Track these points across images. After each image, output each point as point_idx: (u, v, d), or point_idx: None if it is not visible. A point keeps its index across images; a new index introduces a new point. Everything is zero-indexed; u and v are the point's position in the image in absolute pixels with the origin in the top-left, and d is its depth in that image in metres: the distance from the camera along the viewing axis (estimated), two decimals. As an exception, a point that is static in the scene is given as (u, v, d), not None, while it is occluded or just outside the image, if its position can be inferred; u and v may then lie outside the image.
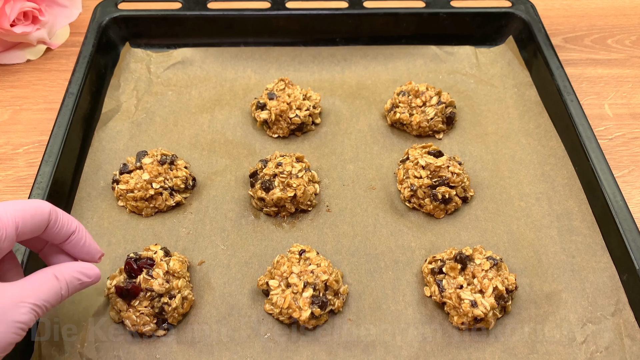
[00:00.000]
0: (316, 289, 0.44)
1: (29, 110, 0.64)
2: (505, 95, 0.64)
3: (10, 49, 0.70)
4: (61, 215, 0.37)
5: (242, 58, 0.68)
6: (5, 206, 0.34)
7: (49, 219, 0.36)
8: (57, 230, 0.37)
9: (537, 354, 0.44)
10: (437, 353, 0.44)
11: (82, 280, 0.38)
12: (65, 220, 0.37)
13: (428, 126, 0.59)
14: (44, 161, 0.52)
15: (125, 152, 0.58)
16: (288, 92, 0.60)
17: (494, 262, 0.46)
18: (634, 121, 0.64)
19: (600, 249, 0.50)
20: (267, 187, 0.51)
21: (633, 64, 0.71)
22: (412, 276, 0.48)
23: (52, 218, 0.36)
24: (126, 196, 0.52)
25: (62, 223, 0.37)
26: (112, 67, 0.66)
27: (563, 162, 0.57)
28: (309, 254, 0.47)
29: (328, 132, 0.61)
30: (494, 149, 0.59)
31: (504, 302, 0.45)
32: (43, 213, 0.36)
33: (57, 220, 0.37)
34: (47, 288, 0.35)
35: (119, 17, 0.68)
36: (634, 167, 0.59)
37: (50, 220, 0.36)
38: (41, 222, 0.36)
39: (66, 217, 0.38)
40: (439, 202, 0.52)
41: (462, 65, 0.68)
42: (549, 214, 0.53)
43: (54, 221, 0.37)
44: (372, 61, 0.68)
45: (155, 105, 0.63)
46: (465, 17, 0.69)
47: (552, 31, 0.74)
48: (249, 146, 0.59)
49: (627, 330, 0.45)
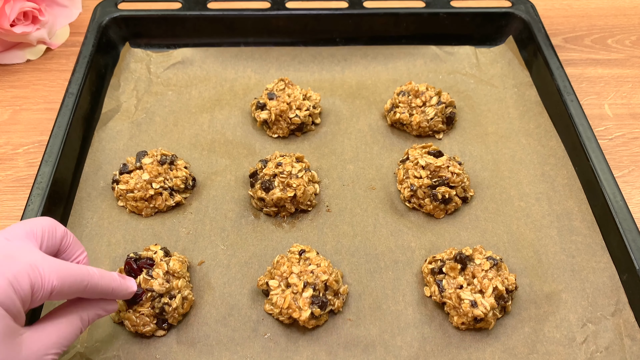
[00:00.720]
0: (316, 289, 0.44)
1: (29, 110, 0.64)
2: (505, 95, 0.64)
3: (10, 49, 0.70)
4: (104, 278, 0.37)
5: (242, 58, 0.68)
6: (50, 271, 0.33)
7: (89, 288, 0.36)
8: (94, 294, 0.37)
9: (537, 354, 0.44)
10: (437, 353, 0.44)
11: (102, 315, 0.39)
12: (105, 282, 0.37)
13: (428, 126, 0.59)
14: (44, 161, 0.52)
15: (125, 152, 0.58)
16: (288, 92, 0.60)
17: (494, 262, 0.46)
18: (634, 121, 0.64)
19: (600, 249, 0.50)
20: (267, 187, 0.51)
21: (633, 64, 0.71)
22: (412, 276, 0.48)
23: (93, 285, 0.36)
24: (126, 196, 0.52)
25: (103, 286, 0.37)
26: (112, 67, 0.66)
27: (563, 162, 0.57)
28: (309, 254, 0.47)
29: (328, 132, 0.61)
30: (494, 149, 0.59)
31: (504, 302, 0.45)
32: (84, 284, 0.35)
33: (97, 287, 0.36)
34: (71, 333, 0.35)
35: (119, 17, 0.68)
36: (634, 167, 0.59)
37: (91, 287, 0.36)
38: (80, 290, 0.35)
39: (108, 278, 0.37)
40: (439, 202, 0.52)
41: (462, 65, 0.68)
42: (549, 214, 0.53)
43: (94, 287, 0.36)
44: (372, 61, 0.68)
45: (155, 105, 0.63)
46: (465, 17, 0.69)
47: (552, 31, 0.74)
48: (249, 146, 0.59)
49: (627, 330, 0.45)
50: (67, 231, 0.38)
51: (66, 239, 0.38)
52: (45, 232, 0.36)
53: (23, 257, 0.32)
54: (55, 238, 0.37)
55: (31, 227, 0.36)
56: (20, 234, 0.35)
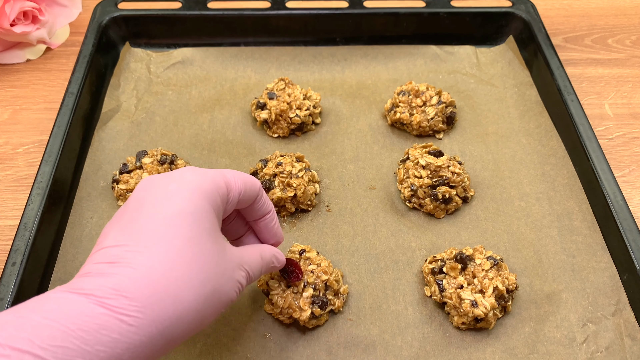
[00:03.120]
0: (316, 288, 0.44)
1: (28, 110, 0.64)
2: (505, 95, 0.64)
3: (10, 48, 0.70)
4: (264, 193, 0.39)
5: (242, 58, 0.67)
6: (233, 174, 0.36)
7: (258, 194, 0.38)
8: (259, 206, 0.39)
9: (537, 354, 0.44)
10: (437, 353, 0.44)
11: (275, 264, 0.40)
12: (265, 199, 0.40)
13: (428, 126, 0.59)
14: (44, 161, 0.52)
15: (125, 152, 0.58)
16: (288, 92, 0.60)
17: (495, 262, 0.46)
18: (634, 121, 0.64)
19: (601, 248, 0.50)
20: (267, 187, 0.51)
21: (633, 63, 0.71)
22: (413, 276, 0.48)
23: (260, 193, 0.38)
24: (126, 196, 0.52)
25: (264, 200, 0.39)
26: (112, 66, 0.66)
27: (563, 162, 0.56)
28: (309, 254, 0.47)
29: (328, 132, 0.61)
30: (494, 148, 0.59)
31: (505, 302, 0.45)
32: (256, 187, 0.38)
33: (262, 196, 0.39)
34: (256, 262, 0.37)
35: (119, 16, 0.68)
36: (634, 167, 0.59)
37: (258, 195, 0.38)
38: (253, 195, 0.38)
39: (266, 197, 0.40)
40: (439, 202, 0.52)
41: (462, 65, 0.68)
42: (549, 214, 0.53)
43: (260, 197, 0.39)
44: (372, 61, 0.68)
45: (155, 105, 0.63)
46: (466, 16, 0.69)
47: (552, 31, 0.74)
48: (249, 146, 0.59)
49: (627, 330, 0.45)
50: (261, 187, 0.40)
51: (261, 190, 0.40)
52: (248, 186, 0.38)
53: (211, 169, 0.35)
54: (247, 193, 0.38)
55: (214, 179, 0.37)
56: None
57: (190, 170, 0.34)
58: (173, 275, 0.29)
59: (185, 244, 0.30)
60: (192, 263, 0.30)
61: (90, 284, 0.28)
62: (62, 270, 0.48)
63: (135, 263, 0.28)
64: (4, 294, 0.43)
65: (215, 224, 0.33)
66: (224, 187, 0.34)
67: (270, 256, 0.39)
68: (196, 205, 0.31)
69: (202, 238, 0.31)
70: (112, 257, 0.29)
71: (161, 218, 0.30)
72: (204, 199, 0.32)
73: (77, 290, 0.27)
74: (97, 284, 0.27)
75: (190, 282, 0.30)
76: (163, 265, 0.29)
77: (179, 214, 0.31)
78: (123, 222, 0.31)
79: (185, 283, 0.29)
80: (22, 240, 0.46)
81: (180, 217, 0.31)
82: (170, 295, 0.28)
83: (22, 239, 0.46)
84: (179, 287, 0.29)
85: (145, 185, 0.33)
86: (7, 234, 0.52)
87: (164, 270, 0.29)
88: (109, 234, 0.31)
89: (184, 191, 0.32)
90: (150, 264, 0.29)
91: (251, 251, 0.37)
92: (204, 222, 0.32)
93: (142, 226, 0.30)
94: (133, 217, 0.31)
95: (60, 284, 0.47)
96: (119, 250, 0.29)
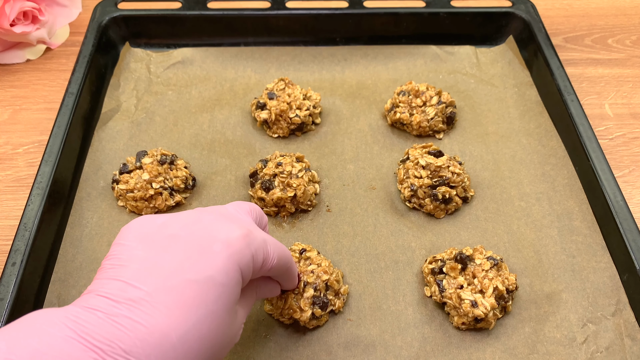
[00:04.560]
0: (317, 289, 0.44)
1: (28, 110, 0.64)
2: (505, 95, 0.64)
3: (10, 48, 0.70)
4: (294, 270, 0.39)
5: (242, 58, 0.67)
6: (274, 248, 0.34)
7: (287, 268, 0.37)
8: (283, 282, 0.39)
9: (537, 354, 0.44)
10: (437, 353, 0.44)
11: (267, 295, 0.40)
12: (294, 275, 0.39)
13: (428, 126, 0.59)
14: (43, 161, 0.52)
15: (125, 152, 0.58)
16: (288, 92, 0.60)
17: (495, 262, 0.46)
18: (634, 121, 0.64)
19: (601, 249, 0.50)
20: (267, 187, 0.51)
21: (634, 63, 0.71)
22: (413, 276, 0.48)
23: (289, 270, 0.38)
24: (126, 196, 0.52)
25: (291, 277, 0.39)
26: (112, 66, 0.66)
27: (563, 162, 0.56)
28: (309, 254, 0.47)
29: (328, 132, 0.61)
30: (495, 148, 0.59)
31: (505, 302, 0.45)
32: (287, 265, 0.37)
33: (290, 273, 0.38)
34: (250, 305, 0.37)
35: (119, 16, 0.68)
36: (634, 167, 0.59)
37: (286, 269, 0.37)
38: (282, 270, 0.37)
39: (295, 272, 0.40)
40: (439, 202, 0.52)
41: (462, 65, 0.68)
42: (549, 214, 0.53)
43: (288, 273, 0.38)
44: (372, 61, 0.68)
45: (155, 105, 0.63)
46: (466, 16, 0.69)
47: (552, 31, 0.74)
48: (249, 146, 0.59)
49: (627, 331, 0.45)
50: None
51: (266, 227, 0.39)
52: (256, 213, 0.37)
53: (259, 233, 0.33)
54: (261, 223, 0.38)
55: (250, 206, 0.37)
56: (245, 208, 0.36)
57: (239, 231, 0.32)
58: (184, 349, 0.27)
59: (206, 316, 0.29)
60: (206, 340, 0.29)
61: (98, 330, 0.26)
62: (62, 271, 0.48)
63: (151, 323, 0.27)
64: (4, 294, 0.43)
65: (238, 295, 0.31)
66: (261, 262, 0.33)
67: (264, 293, 0.39)
68: (231, 277, 0.30)
69: (224, 312, 0.30)
70: (125, 299, 0.27)
71: (192, 280, 0.28)
72: (238, 271, 0.31)
73: (83, 337, 0.25)
74: (107, 334, 0.26)
75: (199, 357, 0.28)
76: (177, 335, 0.27)
77: (211, 281, 0.29)
78: (154, 253, 0.29)
79: (193, 358, 0.28)
80: (22, 240, 0.46)
81: (212, 286, 0.29)
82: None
83: (22, 239, 0.46)
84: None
85: (195, 220, 0.31)
86: (7, 234, 0.52)
87: (176, 341, 0.27)
88: (133, 259, 0.29)
89: (223, 258, 0.30)
90: (165, 330, 0.27)
91: (250, 296, 0.36)
92: (230, 296, 0.30)
93: (169, 276, 0.28)
94: (165, 255, 0.29)
95: (60, 284, 0.47)
96: (135, 293, 0.27)
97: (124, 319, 0.26)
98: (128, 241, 0.30)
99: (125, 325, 0.26)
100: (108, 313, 0.27)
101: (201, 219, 0.32)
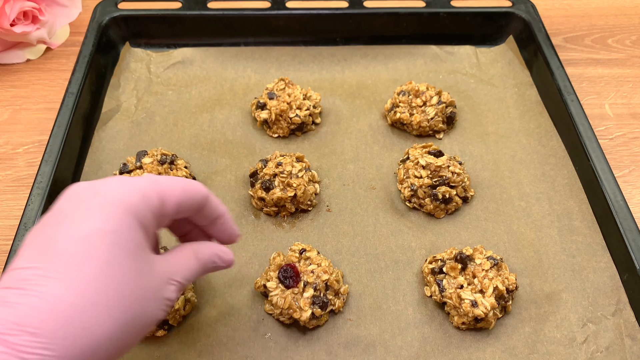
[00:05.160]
0: (317, 289, 0.44)
1: (28, 110, 0.64)
2: (505, 95, 0.64)
3: (10, 48, 0.70)
4: (212, 198, 0.36)
5: (242, 58, 0.67)
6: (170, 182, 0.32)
7: (203, 201, 0.35)
8: (207, 213, 0.36)
9: (537, 354, 0.44)
10: (437, 353, 0.44)
11: (217, 264, 0.36)
12: (215, 204, 0.36)
13: (428, 126, 0.59)
14: (44, 161, 0.52)
15: (125, 152, 0.58)
16: (288, 92, 0.60)
17: (495, 262, 0.46)
18: (634, 121, 0.64)
19: (601, 248, 0.50)
20: (267, 187, 0.51)
21: (633, 63, 0.71)
22: (413, 276, 0.48)
23: (206, 201, 0.35)
24: (126, 196, 0.51)
25: (213, 206, 0.36)
26: (112, 66, 0.66)
27: (563, 162, 0.56)
28: (309, 253, 0.47)
29: (328, 132, 0.61)
30: (495, 148, 0.59)
31: (505, 302, 0.45)
32: (199, 195, 0.34)
33: (210, 203, 0.35)
34: (189, 266, 0.34)
35: (119, 16, 0.68)
36: (634, 167, 0.59)
37: (204, 202, 0.35)
38: (197, 203, 0.34)
39: (216, 201, 0.36)
40: (440, 202, 0.52)
41: (462, 65, 0.68)
42: (549, 214, 0.53)
43: (207, 204, 0.35)
44: (372, 61, 0.68)
45: (155, 105, 0.63)
46: (466, 16, 0.69)
47: (552, 31, 0.74)
48: (249, 146, 0.59)
49: (627, 330, 0.45)
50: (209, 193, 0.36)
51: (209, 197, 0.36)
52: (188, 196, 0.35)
53: (145, 177, 0.32)
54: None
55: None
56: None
57: (117, 180, 0.31)
58: (84, 304, 0.26)
59: (101, 267, 0.27)
60: (107, 290, 0.27)
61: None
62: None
63: (43, 291, 0.26)
64: (4, 294, 0.43)
65: (141, 241, 0.30)
66: (156, 200, 0.31)
67: (210, 255, 0.36)
68: (119, 222, 0.29)
69: (123, 259, 0.28)
70: (20, 282, 0.26)
71: (77, 237, 0.28)
72: (129, 214, 0.29)
73: None
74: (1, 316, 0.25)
75: (105, 311, 0.27)
76: (73, 293, 0.26)
77: (97, 232, 0.28)
78: (39, 238, 0.28)
79: (98, 312, 0.27)
80: (22, 240, 0.46)
81: (99, 236, 0.28)
82: (81, 327, 0.26)
83: (22, 239, 0.46)
84: (92, 318, 0.26)
85: (69, 195, 0.30)
86: (7, 234, 0.52)
87: (74, 300, 0.26)
88: (23, 252, 0.28)
89: (106, 205, 0.29)
90: (59, 293, 0.26)
91: (184, 254, 0.34)
92: (127, 242, 0.29)
93: (56, 245, 0.27)
94: (49, 233, 0.28)
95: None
96: (29, 273, 0.27)
97: (17, 297, 0.26)
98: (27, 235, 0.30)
99: (18, 301, 0.26)
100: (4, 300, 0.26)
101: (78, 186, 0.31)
